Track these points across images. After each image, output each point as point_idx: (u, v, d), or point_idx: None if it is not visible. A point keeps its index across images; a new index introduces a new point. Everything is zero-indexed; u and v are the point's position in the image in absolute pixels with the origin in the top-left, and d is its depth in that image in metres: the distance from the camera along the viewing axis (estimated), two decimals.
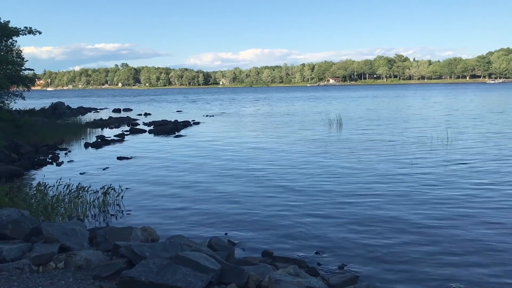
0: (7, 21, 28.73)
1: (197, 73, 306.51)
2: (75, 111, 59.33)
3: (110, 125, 40.08)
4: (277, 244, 9.53)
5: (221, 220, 11.28)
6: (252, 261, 7.54)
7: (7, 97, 31.81)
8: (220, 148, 24.01)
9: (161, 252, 6.29)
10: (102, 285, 5.72)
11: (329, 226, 10.53)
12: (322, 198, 12.96)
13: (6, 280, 5.84)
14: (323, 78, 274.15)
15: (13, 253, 6.47)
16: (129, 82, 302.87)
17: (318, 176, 15.93)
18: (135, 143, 27.55)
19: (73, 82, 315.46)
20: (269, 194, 13.67)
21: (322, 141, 25.37)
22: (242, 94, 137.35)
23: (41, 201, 11.33)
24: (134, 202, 13.12)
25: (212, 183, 15.44)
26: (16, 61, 30.81)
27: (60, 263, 6.35)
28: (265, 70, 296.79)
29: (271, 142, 25.85)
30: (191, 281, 5.39)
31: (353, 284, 6.89)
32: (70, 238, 7.01)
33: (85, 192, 12.61)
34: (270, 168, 17.72)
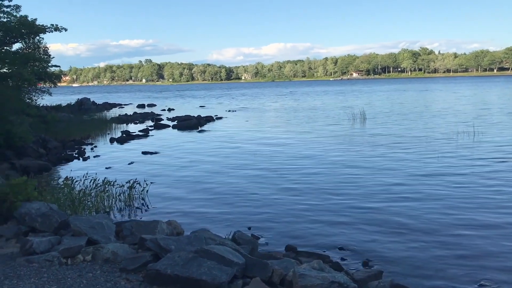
0: (34, 19, 29.27)
1: (220, 68, 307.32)
2: (100, 106, 60.23)
3: (135, 121, 40.57)
4: (300, 239, 9.52)
5: (244, 215, 11.32)
6: (276, 256, 7.56)
7: (35, 93, 32.48)
8: (243, 143, 24.05)
9: (186, 246, 6.36)
10: (128, 277, 5.82)
11: (352, 223, 10.45)
12: (346, 195, 12.86)
13: (37, 272, 6.00)
14: (346, 72, 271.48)
15: (43, 246, 6.64)
16: (152, 78, 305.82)
17: (341, 173, 15.77)
18: (159, 138, 27.84)
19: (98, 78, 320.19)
20: (292, 189, 13.64)
21: (345, 136, 25.13)
22: (264, 89, 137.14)
23: (68, 195, 11.56)
24: (159, 196, 13.28)
25: (235, 178, 15.49)
26: (43, 58, 31.37)
27: (87, 256, 6.49)
28: (288, 64, 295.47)
29: (293, 137, 25.77)
30: (216, 274, 5.44)
31: (378, 279, 6.84)
32: (97, 232, 7.15)
33: (111, 186, 12.81)
34: (292, 163, 17.67)
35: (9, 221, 7.94)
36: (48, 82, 32.76)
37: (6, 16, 27.78)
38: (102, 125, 33.28)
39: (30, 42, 30.68)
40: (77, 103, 53.63)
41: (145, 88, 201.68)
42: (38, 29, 29.48)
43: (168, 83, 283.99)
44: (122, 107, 63.88)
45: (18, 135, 18.89)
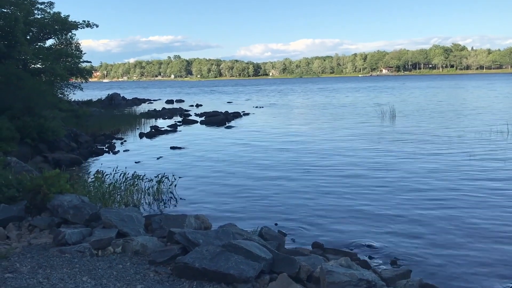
0: (67, 16, 29.96)
1: (247, 65, 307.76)
2: (130, 102, 61.18)
3: (164, 116, 41.03)
4: (327, 237, 9.47)
5: (271, 211, 11.33)
6: (302, 252, 7.54)
7: (67, 88, 33.25)
8: (270, 139, 24.04)
9: (214, 240, 6.41)
10: (157, 270, 5.90)
11: (380, 222, 10.33)
12: (374, 193, 12.71)
13: (69, 262, 6.15)
14: (376, 68, 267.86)
15: (75, 237, 6.80)
16: (181, 73, 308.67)
17: (369, 170, 15.58)
18: (187, 134, 28.10)
19: (128, 74, 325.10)
20: (318, 186, 13.57)
21: (374, 134, 24.76)
22: (292, 85, 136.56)
23: (99, 188, 11.79)
24: (187, 191, 13.41)
25: (261, 174, 15.51)
26: (75, 53, 32.07)
27: (118, 248, 6.61)
28: (316, 60, 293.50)
29: (321, 134, 25.62)
30: (243, 269, 5.47)
31: (406, 278, 6.74)
32: (127, 224, 7.27)
33: (140, 180, 13.01)
34: (320, 160, 17.57)
35: (43, 213, 8.16)
36: (79, 78, 33.48)
37: (40, 13, 28.52)
38: (132, 120, 33.81)
39: (62, 38, 31.44)
40: (107, 98, 54.62)
41: (173, 84, 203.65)
42: (70, 25, 30.16)
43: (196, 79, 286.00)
44: (151, 103, 64.68)
45: (51, 129, 19.36)
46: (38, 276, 5.69)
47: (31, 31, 27.97)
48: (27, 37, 26.12)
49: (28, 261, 6.19)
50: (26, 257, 6.36)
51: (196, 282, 5.53)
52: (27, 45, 23.28)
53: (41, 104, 20.82)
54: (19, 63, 23.49)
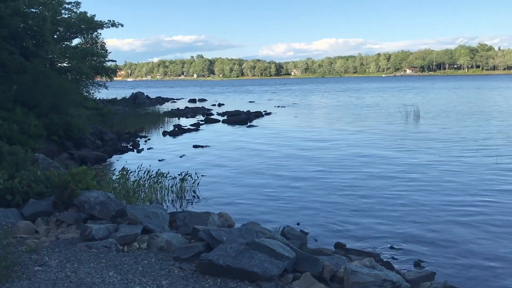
0: (93, 15, 30.44)
1: (269, 64, 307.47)
2: (153, 101, 61.85)
3: (186, 115, 41.38)
4: (349, 237, 9.44)
5: (293, 211, 11.34)
6: (325, 252, 7.53)
7: (92, 87, 33.79)
8: (291, 139, 24.02)
9: (238, 238, 6.46)
10: (182, 266, 5.97)
11: (404, 222, 10.24)
12: (397, 193, 12.60)
13: (96, 257, 6.27)
14: (400, 68, 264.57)
15: (101, 233, 6.92)
16: (203, 73, 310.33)
17: (391, 172, 15.40)
18: (210, 132, 28.28)
19: (152, 73, 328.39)
20: (341, 187, 13.51)
21: (398, 134, 24.51)
22: (314, 85, 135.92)
23: (123, 185, 11.98)
24: (209, 189, 13.52)
25: (283, 173, 15.51)
26: (100, 52, 32.56)
27: (143, 243, 6.71)
28: (339, 60, 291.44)
29: (343, 134, 25.46)
30: (267, 267, 5.49)
31: (430, 280, 6.68)
32: (152, 221, 7.38)
33: (164, 178, 13.18)
34: (342, 161, 17.46)
35: (70, 208, 8.33)
36: (104, 76, 33.98)
37: (67, 13, 29.06)
38: (155, 119, 34.20)
39: (88, 38, 31.94)
40: (131, 97, 55.34)
41: (196, 83, 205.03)
42: (96, 25, 30.63)
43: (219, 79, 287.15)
44: (174, 102, 65.28)
45: (77, 127, 19.73)
46: (66, 270, 5.82)
47: (58, 30, 28.52)
48: (54, 36, 26.63)
49: (57, 255, 6.34)
50: (54, 251, 6.51)
51: (220, 279, 5.57)
52: (54, 44, 23.75)
53: (67, 102, 21.23)
54: (46, 62, 23.97)
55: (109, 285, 5.39)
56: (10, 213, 7.70)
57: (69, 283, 5.43)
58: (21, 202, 8.30)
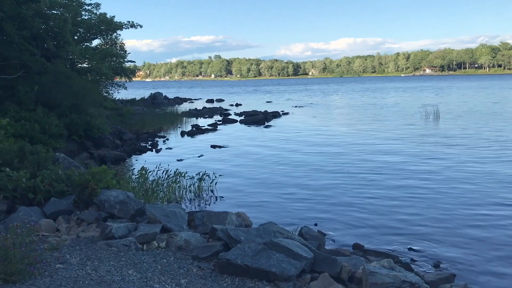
0: (112, 16, 30.83)
1: (287, 64, 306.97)
2: (172, 101, 62.32)
3: (204, 115, 41.59)
4: (367, 238, 9.38)
5: (310, 211, 11.31)
6: (343, 253, 7.50)
7: (111, 87, 34.25)
8: (308, 139, 23.95)
9: (255, 237, 6.48)
10: (200, 265, 6.02)
11: (423, 224, 10.14)
12: (415, 195, 12.45)
13: (116, 255, 6.36)
14: (419, 68, 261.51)
15: (121, 231, 7.02)
16: (221, 73, 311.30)
17: (410, 172, 15.25)
18: (227, 133, 28.37)
19: (170, 74, 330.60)
20: (358, 187, 13.43)
21: (417, 135, 24.19)
22: (332, 85, 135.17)
23: (142, 184, 12.11)
24: (227, 189, 13.57)
25: (300, 174, 15.48)
26: (120, 53, 32.98)
27: (162, 242, 6.78)
28: (357, 59, 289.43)
29: (361, 134, 25.28)
30: (285, 267, 5.50)
31: (450, 282, 6.60)
32: (170, 220, 7.44)
33: (182, 177, 13.30)
34: (359, 161, 17.35)
35: (90, 207, 8.45)
36: (123, 77, 34.41)
37: (87, 14, 29.49)
38: (174, 119, 34.43)
39: (108, 38, 32.39)
40: (150, 97, 55.86)
41: (213, 83, 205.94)
42: (115, 26, 31.03)
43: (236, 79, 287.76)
44: (192, 102, 65.66)
45: (97, 127, 19.98)
46: (86, 267, 5.92)
47: (79, 31, 28.96)
48: (74, 37, 27.04)
49: (77, 253, 6.45)
50: (75, 249, 6.62)
51: (238, 278, 5.60)
52: (74, 45, 24.11)
53: (87, 102, 21.51)
54: (67, 63, 24.35)
55: (128, 283, 5.46)
56: (32, 212, 7.85)
57: (89, 280, 5.51)
58: (43, 201, 8.46)
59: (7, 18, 16.97)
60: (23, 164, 9.58)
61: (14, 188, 8.50)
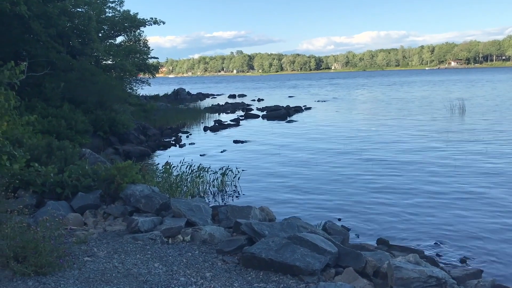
0: (136, 13, 31.15)
1: (309, 58, 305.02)
2: (194, 96, 62.77)
3: (226, 110, 41.73)
4: (392, 233, 9.31)
5: (333, 206, 11.27)
6: (368, 247, 7.45)
7: (135, 83, 34.65)
8: (331, 134, 23.80)
9: (279, 232, 6.49)
10: (225, 259, 6.07)
11: (448, 218, 10.01)
12: (439, 190, 12.28)
13: (142, 249, 6.46)
14: (444, 61, 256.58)
15: (147, 225, 7.12)
16: (243, 68, 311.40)
17: (434, 168, 15.00)
18: (250, 128, 28.41)
19: (192, 70, 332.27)
20: (381, 182, 13.31)
21: (442, 130, 23.70)
22: (355, 79, 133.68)
23: (166, 179, 12.24)
24: (249, 183, 13.62)
25: (323, 168, 15.42)
26: (143, 50, 33.33)
27: (187, 236, 6.85)
28: (380, 53, 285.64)
29: (385, 129, 24.98)
30: (309, 262, 5.50)
31: (477, 278, 6.50)
32: (195, 214, 7.52)
33: (205, 172, 13.40)
34: (383, 156, 17.16)
35: (116, 201, 8.60)
36: (147, 73, 34.75)
37: (111, 11, 29.86)
38: (196, 114, 34.68)
39: (131, 35, 32.74)
40: (173, 93, 56.38)
41: (235, 78, 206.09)
42: (139, 23, 31.34)
43: (258, 74, 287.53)
44: (214, 97, 65.95)
45: (121, 123, 20.28)
46: (113, 260, 6.03)
47: (103, 29, 29.36)
48: (99, 34, 27.43)
49: (104, 246, 6.57)
50: (102, 242, 6.74)
51: (263, 272, 5.62)
52: (99, 42, 24.47)
53: (112, 99, 21.84)
54: (92, 60, 24.72)
55: (155, 276, 5.54)
56: (60, 206, 8.02)
57: (116, 273, 5.61)
58: (70, 195, 8.64)
59: (34, 17, 17.32)
60: (51, 160, 9.79)
61: (43, 182, 8.70)
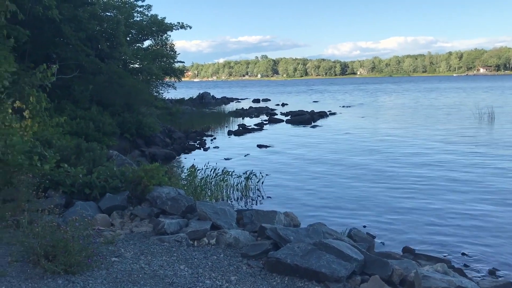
0: (163, 18, 31.53)
1: (334, 63, 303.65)
2: (219, 100, 63.13)
3: (250, 115, 41.84)
4: (417, 241, 9.18)
5: (359, 213, 11.17)
6: (394, 256, 7.36)
7: (161, 87, 35.02)
8: (356, 140, 23.59)
9: (305, 238, 6.46)
10: (249, 263, 6.07)
11: (475, 228, 9.82)
12: (467, 198, 12.06)
13: (168, 251, 6.52)
14: (472, 67, 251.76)
15: (173, 227, 7.19)
16: (267, 73, 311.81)
17: (462, 174, 14.77)
18: (273, 132, 28.41)
19: (217, 74, 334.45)
20: (407, 190, 13.12)
21: (470, 138, 23.21)
22: (382, 84, 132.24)
23: (191, 182, 12.34)
24: (273, 188, 13.61)
25: (347, 175, 15.28)
26: (170, 54, 33.67)
27: (212, 239, 6.89)
28: (407, 59, 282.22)
29: (411, 136, 24.61)
30: (335, 268, 5.46)
31: None
32: (220, 217, 7.56)
33: (229, 176, 13.46)
34: (409, 164, 16.90)
35: (143, 203, 8.71)
36: (173, 77, 35.08)
37: (139, 16, 30.31)
38: (221, 118, 34.86)
39: (158, 39, 33.12)
40: (198, 97, 56.82)
41: (260, 83, 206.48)
42: (166, 27, 31.70)
43: (282, 78, 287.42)
44: (238, 102, 66.18)
45: (148, 125, 20.55)
46: (140, 261, 6.10)
47: (131, 32, 29.79)
48: (127, 38, 27.84)
49: (131, 247, 6.65)
50: (129, 243, 6.83)
51: (288, 277, 5.61)
52: (127, 46, 24.83)
53: (139, 102, 22.16)
54: (119, 63, 25.10)
55: (180, 278, 5.59)
56: (89, 206, 8.17)
57: (143, 274, 5.68)
58: (98, 196, 8.78)
59: (65, 21, 17.72)
60: (80, 161, 9.98)
61: (72, 183, 8.87)
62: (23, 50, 15.60)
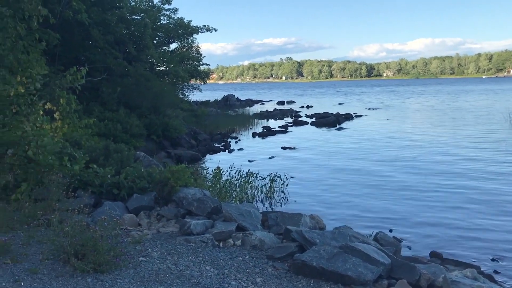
0: (189, 21, 31.88)
1: (360, 65, 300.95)
2: (243, 103, 63.39)
3: (275, 117, 41.83)
4: (445, 246, 9.03)
5: (385, 216, 11.04)
6: (421, 260, 7.25)
7: (187, 89, 35.38)
8: (382, 143, 23.30)
9: (331, 241, 6.43)
10: (275, 265, 6.08)
11: (507, 233, 9.56)
12: (495, 203, 11.79)
13: (194, 251, 6.58)
14: (503, 69, 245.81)
15: (199, 228, 7.25)
16: (292, 75, 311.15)
17: (490, 178, 14.42)
18: (298, 134, 28.33)
19: (242, 76, 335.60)
20: (434, 194, 12.91)
21: (499, 140, 22.64)
22: (409, 87, 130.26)
23: (216, 183, 12.42)
24: (298, 191, 13.57)
25: (373, 178, 15.11)
26: (195, 56, 34.00)
27: (237, 241, 6.92)
28: (434, 60, 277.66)
29: (438, 139, 24.15)
30: (361, 272, 5.42)
31: None
32: (245, 219, 7.59)
33: (254, 178, 13.50)
34: (436, 167, 16.60)
35: (169, 204, 8.82)
36: (198, 79, 35.40)
37: (165, 19, 30.71)
38: (245, 120, 34.96)
39: (184, 42, 33.49)
40: (223, 99, 57.15)
41: (284, 85, 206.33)
42: (192, 30, 32.05)
43: (307, 80, 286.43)
44: (263, 104, 66.29)
45: (174, 127, 20.80)
46: (167, 261, 6.18)
47: (158, 35, 30.20)
48: (154, 41, 28.23)
49: (158, 247, 6.74)
50: (156, 243, 6.92)
51: (313, 280, 5.59)
52: (154, 49, 25.18)
53: (165, 104, 22.44)
54: (146, 66, 25.50)
55: (206, 278, 5.63)
56: (117, 206, 8.32)
57: (170, 274, 5.75)
58: (126, 197, 8.94)
59: (94, 24, 18.11)
60: (108, 162, 10.17)
61: (100, 183, 9.06)
62: (53, 53, 15.99)
